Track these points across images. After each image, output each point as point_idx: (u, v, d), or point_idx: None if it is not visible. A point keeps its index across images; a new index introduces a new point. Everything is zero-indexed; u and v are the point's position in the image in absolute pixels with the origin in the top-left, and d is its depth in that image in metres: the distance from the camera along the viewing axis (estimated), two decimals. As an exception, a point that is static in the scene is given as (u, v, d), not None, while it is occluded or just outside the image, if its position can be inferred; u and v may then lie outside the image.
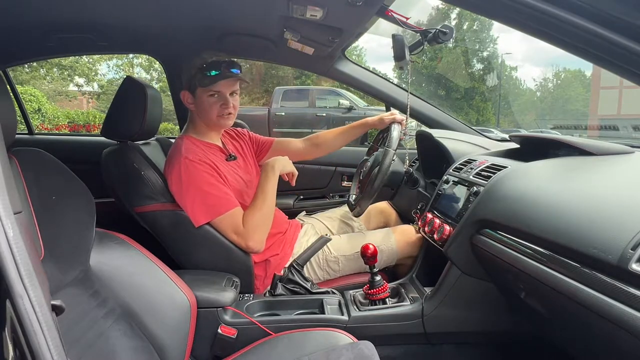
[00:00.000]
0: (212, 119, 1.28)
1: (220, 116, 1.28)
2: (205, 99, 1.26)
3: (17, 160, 0.77)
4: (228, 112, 1.28)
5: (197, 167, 1.19)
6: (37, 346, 0.42)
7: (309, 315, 1.14)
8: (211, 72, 1.22)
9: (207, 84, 1.23)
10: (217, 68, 1.23)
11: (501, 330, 1.18)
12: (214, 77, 1.22)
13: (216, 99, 1.26)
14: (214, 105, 1.26)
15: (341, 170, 2.02)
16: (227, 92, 1.26)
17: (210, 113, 1.27)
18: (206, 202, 1.18)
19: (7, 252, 0.42)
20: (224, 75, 1.23)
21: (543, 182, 0.95)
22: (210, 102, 1.26)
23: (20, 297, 0.42)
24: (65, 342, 0.47)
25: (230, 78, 1.24)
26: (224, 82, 1.24)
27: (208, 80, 1.22)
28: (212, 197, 1.18)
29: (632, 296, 0.59)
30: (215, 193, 1.19)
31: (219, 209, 1.18)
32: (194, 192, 1.17)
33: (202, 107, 1.28)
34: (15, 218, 0.44)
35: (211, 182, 1.19)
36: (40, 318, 0.42)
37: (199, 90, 1.25)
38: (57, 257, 0.74)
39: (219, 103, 1.26)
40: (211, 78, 1.22)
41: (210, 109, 1.27)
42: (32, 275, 0.43)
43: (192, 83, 1.26)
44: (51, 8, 1.29)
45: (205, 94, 1.25)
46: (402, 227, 1.47)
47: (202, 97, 1.26)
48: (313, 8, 1.14)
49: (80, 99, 14.57)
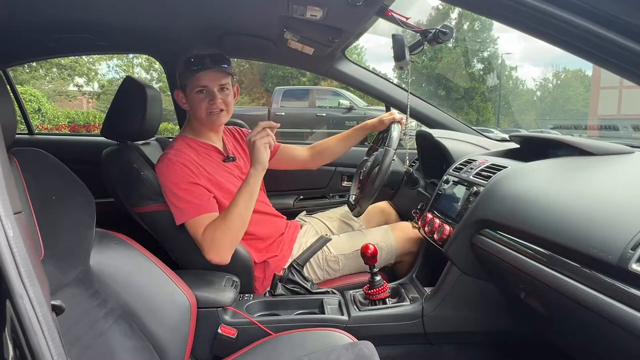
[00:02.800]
0: (202, 117, 1.25)
1: (209, 113, 1.24)
2: (194, 96, 1.23)
3: (17, 160, 0.77)
4: (217, 107, 1.23)
5: (175, 168, 1.16)
6: (37, 346, 0.42)
7: (309, 315, 1.14)
8: (195, 66, 1.19)
9: (189, 77, 1.20)
10: (200, 61, 1.19)
11: (501, 330, 1.18)
12: (195, 70, 1.19)
13: (204, 95, 1.23)
14: (202, 101, 1.23)
15: (341, 170, 2.01)
16: (214, 86, 1.22)
17: (199, 110, 1.24)
18: (178, 204, 1.14)
19: (7, 252, 0.42)
20: (206, 66, 1.19)
21: (543, 182, 0.95)
22: (198, 99, 1.23)
23: (20, 297, 0.42)
24: (65, 342, 0.47)
25: (212, 69, 1.20)
26: (209, 76, 1.21)
27: (191, 74, 1.20)
28: (183, 201, 1.14)
29: (632, 296, 0.59)
30: (186, 197, 1.14)
31: (188, 213, 1.14)
32: (168, 193, 1.15)
33: (192, 105, 1.25)
34: (15, 218, 0.44)
35: (183, 187, 1.15)
36: (40, 318, 0.42)
37: (188, 86, 1.23)
38: (57, 257, 0.74)
39: (206, 99, 1.23)
40: (194, 71, 1.19)
41: (198, 106, 1.23)
42: (32, 275, 0.43)
43: (181, 81, 1.24)
44: (51, 8, 1.29)
45: (193, 91, 1.22)
46: (400, 224, 1.47)
47: (191, 94, 1.24)
48: (313, 8, 1.14)
49: (80, 99, 14.57)
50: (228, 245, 1.13)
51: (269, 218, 1.38)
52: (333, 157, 1.61)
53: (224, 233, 1.11)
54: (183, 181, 1.15)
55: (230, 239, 1.13)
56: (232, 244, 1.14)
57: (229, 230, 1.12)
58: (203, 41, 1.53)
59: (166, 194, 1.16)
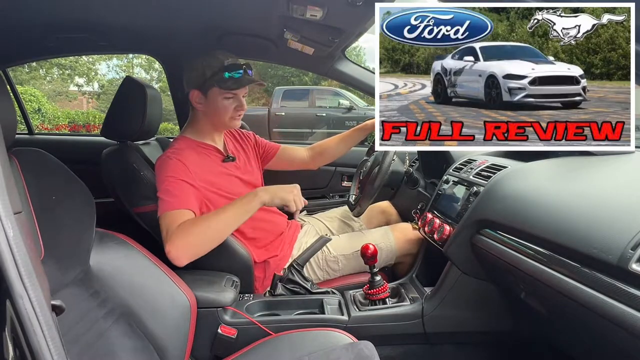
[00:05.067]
0: (224, 121, 1.27)
1: (232, 118, 1.27)
2: (220, 100, 1.24)
3: (17, 160, 0.77)
4: (241, 114, 1.28)
5: (169, 163, 1.16)
6: (37, 346, 0.42)
7: (309, 315, 1.14)
8: (234, 74, 1.21)
9: (230, 86, 1.21)
10: (239, 72, 1.22)
11: (501, 330, 1.18)
12: (238, 79, 1.21)
13: (232, 101, 1.25)
14: (229, 107, 1.25)
15: (341, 170, 2.02)
16: (242, 94, 1.27)
17: (223, 115, 1.26)
18: (162, 196, 1.12)
19: (7, 252, 0.42)
20: (250, 79, 1.23)
21: (543, 182, 0.95)
22: (226, 104, 1.25)
23: (20, 297, 0.42)
24: (65, 342, 0.47)
25: (255, 83, 1.24)
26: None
27: (232, 82, 1.21)
28: (167, 193, 1.11)
29: (632, 296, 0.59)
30: (172, 190, 1.11)
31: (166, 206, 1.09)
32: (158, 186, 1.14)
33: (214, 108, 1.25)
34: (15, 218, 0.44)
35: (172, 181, 1.12)
36: (40, 318, 0.42)
37: (215, 90, 1.23)
38: (57, 257, 0.74)
39: (233, 105, 1.25)
40: (236, 81, 1.21)
41: (224, 111, 1.25)
42: (32, 275, 0.43)
43: (208, 83, 1.22)
44: (51, 8, 1.29)
45: (221, 95, 1.23)
46: (400, 225, 1.47)
47: (217, 98, 1.24)
48: (313, 8, 1.14)
49: (80, 99, 14.56)
50: (196, 249, 1.05)
51: (270, 215, 1.38)
52: (333, 158, 1.62)
53: (200, 235, 1.04)
54: (174, 175, 1.14)
55: (202, 244, 1.06)
56: (199, 248, 1.06)
57: (204, 235, 1.05)
58: (203, 41, 1.53)
59: (157, 187, 1.15)
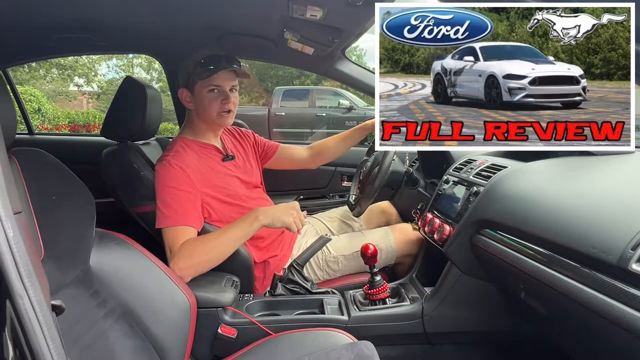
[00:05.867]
0: (212, 116, 1.25)
1: (220, 113, 1.24)
2: (205, 95, 1.22)
3: (17, 160, 0.77)
4: (228, 108, 1.24)
5: (171, 171, 1.15)
6: (37, 346, 0.42)
7: (309, 315, 1.14)
8: (211, 65, 1.19)
9: (206, 76, 1.19)
10: (216, 61, 1.20)
11: (501, 330, 1.18)
12: (212, 70, 1.19)
13: (216, 94, 1.23)
14: (214, 100, 1.23)
15: (341, 170, 2.02)
16: (227, 86, 1.23)
17: (210, 110, 1.24)
18: (162, 208, 1.13)
19: (7, 252, 0.42)
20: (222, 66, 1.20)
21: (543, 182, 0.95)
22: (210, 98, 1.23)
23: (20, 297, 0.42)
24: (65, 342, 0.47)
25: (229, 69, 1.21)
26: (224, 75, 1.21)
27: (208, 73, 1.19)
28: (168, 207, 1.12)
29: (632, 296, 0.59)
30: (173, 203, 1.12)
31: (167, 221, 1.11)
32: (158, 193, 1.15)
33: (201, 104, 1.24)
34: (15, 218, 0.44)
35: (174, 192, 1.13)
36: (40, 318, 0.42)
37: (199, 85, 1.22)
38: (57, 257, 0.74)
39: (219, 98, 1.23)
40: (211, 70, 1.19)
41: (210, 105, 1.23)
42: (32, 275, 0.43)
43: (191, 79, 1.23)
44: (51, 8, 1.29)
45: (205, 89, 1.22)
46: (400, 225, 1.47)
47: (202, 93, 1.23)
48: (313, 8, 1.14)
49: (80, 99, 14.55)
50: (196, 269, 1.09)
51: None
52: (333, 157, 1.61)
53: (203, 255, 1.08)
54: (175, 186, 1.14)
55: (205, 263, 1.10)
56: (201, 267, 1.09)
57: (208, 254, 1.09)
58: (203, 41, 1.53)
59: (156, 194, 1.15)
